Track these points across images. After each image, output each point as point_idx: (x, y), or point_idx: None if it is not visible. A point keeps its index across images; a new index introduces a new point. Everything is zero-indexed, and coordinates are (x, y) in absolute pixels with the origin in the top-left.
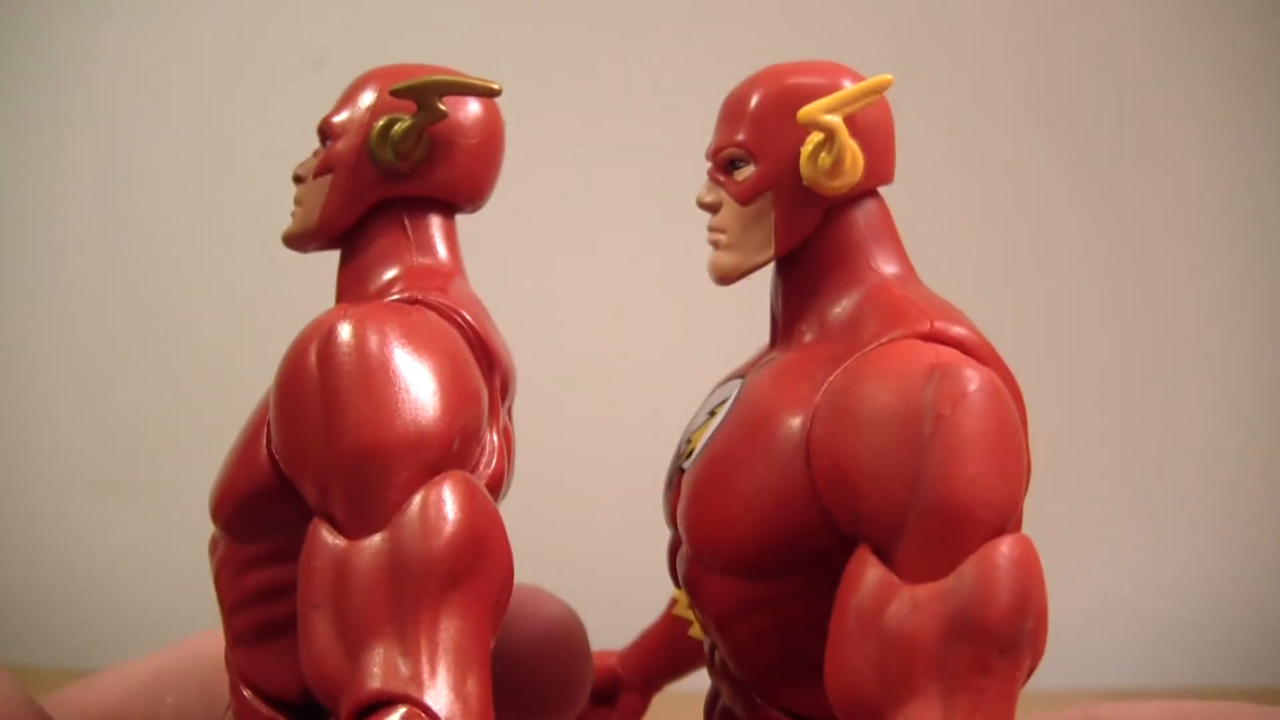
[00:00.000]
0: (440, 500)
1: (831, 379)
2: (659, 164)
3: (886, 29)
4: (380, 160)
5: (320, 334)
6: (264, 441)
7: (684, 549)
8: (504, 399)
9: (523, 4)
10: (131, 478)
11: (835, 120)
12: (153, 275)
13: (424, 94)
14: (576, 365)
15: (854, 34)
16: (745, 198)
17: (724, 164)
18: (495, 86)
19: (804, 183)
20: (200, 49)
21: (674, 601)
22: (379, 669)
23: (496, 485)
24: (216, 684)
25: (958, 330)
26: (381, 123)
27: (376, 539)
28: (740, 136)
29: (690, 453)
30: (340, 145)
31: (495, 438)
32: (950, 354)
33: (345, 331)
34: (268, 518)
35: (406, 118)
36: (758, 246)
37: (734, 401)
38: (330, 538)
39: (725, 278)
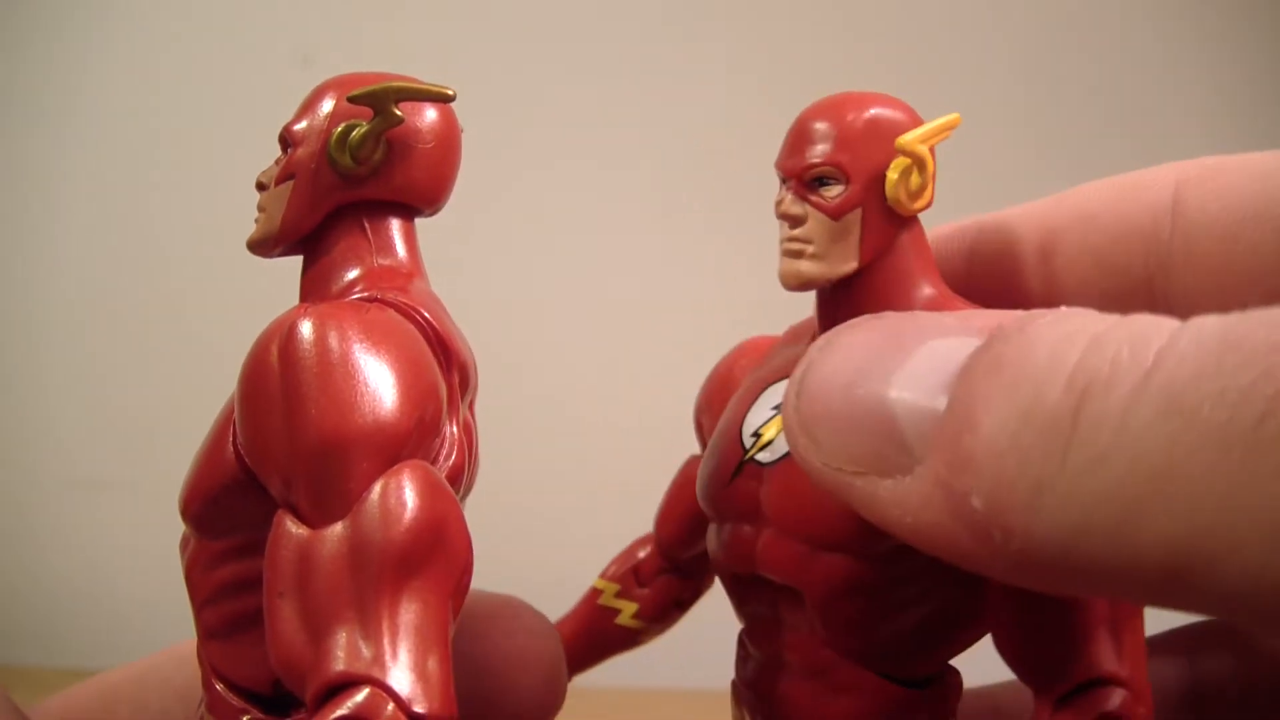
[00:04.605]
0: (399, 488)
1: None
2: (647, 165)
3: (879, 31)
4: (339, 165)
5: (281, 332)
6: (230, 438)
7: (768, 535)
8: (464, 394)
9: (511, 4)
10: (122, 475)
11: (925, 149)
12: (142, 272)
13: (380, 100)
14: (559, 366)
15: (843, 36)
16: (838, 213)
17: (810, 180)
18: (449, 92)
19: (888, 202)
20: (188, 46)
21: (598, 592)
22: (342, 652)
23: (457, 477)
24: (200, 691)
25: None
26: (340, 129)
27: (338, 527)
28: (835, 156)
29: (764, 445)
30: (300, 152)
31: (455, 431)
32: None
33: (305, 328)
34: (235, 513)
35: (364, 124)
36: (844, 258)
37: None
38: (294, 528)
39: (807, 285)
